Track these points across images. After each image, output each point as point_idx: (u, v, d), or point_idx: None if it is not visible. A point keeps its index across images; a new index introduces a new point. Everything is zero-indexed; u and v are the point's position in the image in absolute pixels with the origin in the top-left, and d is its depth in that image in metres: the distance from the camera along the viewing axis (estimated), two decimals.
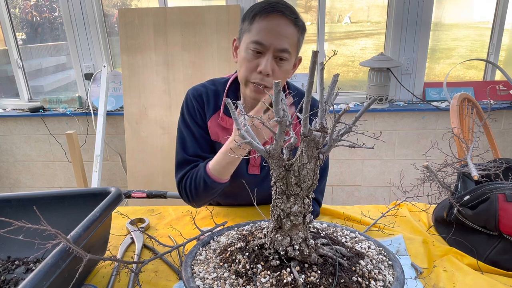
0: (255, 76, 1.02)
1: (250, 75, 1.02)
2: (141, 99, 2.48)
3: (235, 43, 1.12)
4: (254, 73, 1.02)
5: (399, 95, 2.69)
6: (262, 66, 0.99)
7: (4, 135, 2.83)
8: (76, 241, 0.66)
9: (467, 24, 2.83)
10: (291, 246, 0.65)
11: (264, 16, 0.99)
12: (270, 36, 0.98)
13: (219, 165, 1.04)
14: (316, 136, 0.59)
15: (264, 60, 1.00)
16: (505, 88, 2.62)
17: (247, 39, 1.02)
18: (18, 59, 2.79)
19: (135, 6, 2.90)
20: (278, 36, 0.99)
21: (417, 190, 0.96)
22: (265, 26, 0.99)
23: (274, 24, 0.98)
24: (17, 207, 0.92)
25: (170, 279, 0.86)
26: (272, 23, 0.98)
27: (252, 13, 1.02)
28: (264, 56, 1.00)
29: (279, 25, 0.99)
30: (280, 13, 0.99)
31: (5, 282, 0.82)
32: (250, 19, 1.02)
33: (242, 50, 1.04)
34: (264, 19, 0.99)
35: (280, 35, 0.99)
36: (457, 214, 0.94)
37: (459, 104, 1.69)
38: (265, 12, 0.99)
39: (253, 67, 1.02)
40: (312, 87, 0.56)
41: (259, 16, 0.99)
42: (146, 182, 2.51)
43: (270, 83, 1.02)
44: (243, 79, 1.05)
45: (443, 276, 0.85)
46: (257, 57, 1.01)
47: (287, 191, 0.64)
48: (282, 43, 0.99)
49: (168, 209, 1.25)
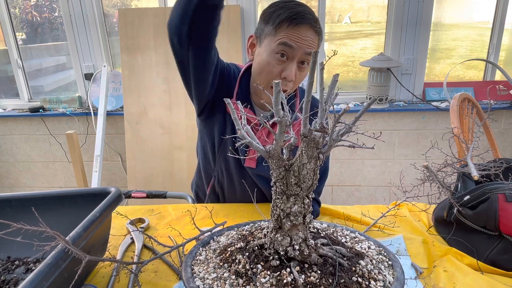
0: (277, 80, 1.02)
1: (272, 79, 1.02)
2: (141, 99, 2.48)
3: (251, 40, 1.11)
4: (277, 78, 1.02)
5: (399, 95, 2.69)
6: (288, 72, 1.01)
7: (4, 135, 2.83)
8: (75, 242, 0.66)
9: (467, 24, 2.83)
10: (291, 246, 0.65)
11: (293, 25, 0.99)
12: (299, 42, 1.00)
13: None
14: (316, 136, 0.59)
15: (290, 66, 1.01)
16: (505, 88, 2.62)
17: (272, 44, 1.01)
18: (18, 59, 2.79)
19: (135, 6, 2.90)
20: (307, 42, 1.01)
21: (417, 190, 0.96)
22: (294, 34, 0.99)
23: (303, 33, 1.00)
24: (17, 207, 0.92)
25: (170, 279, 0.86)
26: (301, 32, 1.00)
27: (278, 19, 1.00)
28: (290, 62, 1.02)
29: (307, 34, 1.00)
30: (309, 26, 1.00)
31: (5, 282, 0.82)
32: (275, 25, 1.01)
33: (265, 54, 1.03)
34: (292, 27, 0.99)
35: (308, 41, 1.01)
36: (457, 214, 0.94)
37: (459, 104, 1.69)
38: (295, 22, 0.99)
39: (277, 72, 1.03)
40: (312, 87, 0.56)
41: (287, 24, 0.99)
42: (146, 182, 2.51)
43: (290, 88, 1.05)
44: (265, 83, 1.05)
45: (443, 276, 0.85)
46: (281, 63, 1.02)
47: (287, 191, 0.64)
48: (309, 48, 1.01)
49: (168, 209, 1.25)
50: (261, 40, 1.06)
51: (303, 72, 1.06)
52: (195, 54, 0.96)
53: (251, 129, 1.09)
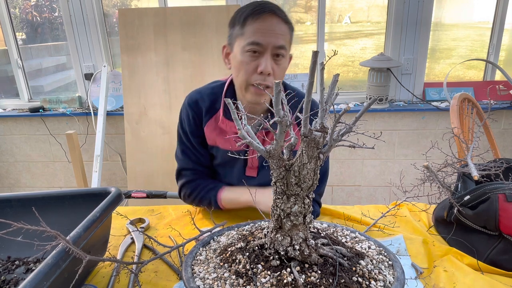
0: (255, 77, 1.01)
1: (251, 77, 1.02)
2: (141, 99, 2.48)
3: (225, 50, 1.11)
4: (255, 75, 1.01)
5: (399, 95, 2.69)
6: (263, 66, 0.99)
7: (4, 135, 2.83)
8: (76, 242, 0.66)
9: (467, 24, 2.83)
10: (291, 246, 0.65)
11: (256, 17, 0.99)
12: (266, 35, 0.98)
13: (230, 203, 1.13)
14: (316, 136, 0.59)
15: (264, 59, 1.00)
16: (505, 88, 2.62)
17: (241, 42, 1.01)
18: (18, 59, 2.79)
19: (135, 6, 2.90)
20: (274, 34, 0.99)
21: (417, 190, 0.96)
22: (260, 26, 0.99)
23: (268, 24, 0.99)
24: (17, 207, 0.92)
25: (170, 279, 0.86)
26: (266, 23, 0.99)
27: (242, 16, 1.01)
28: (263, 56, 1.00)
29: (272, 24, 0.99)
30: (271, 12, 0.99)
31: (5, 282, 0.82)
32: (241, 23, 1.01)
33: (238, 54, 1.03)
34: (256, 20, 0.99)
35: (275, 33, 0.99)
36: (457, 214, 0.94)
37: (459, 104, 1.69)
38: (257, 13, 0.99)
39: (252, 69, 1.01)
40: (312, 87, 0.56)
41: (251, 18, 0.99)
42: (146, 182, 2.51)
43: (271, 82, 1.02)
44: (243, 83, 1.05)
45: (443, 276, 0.85)
46: (255, 58, 1.01)
47: (287, 191, 0.64)
48: (278, 40, 1.00)
49: (168, 209, 1.25)
50: (233, 44, 1.06)
51: (281, 65, 1.04)
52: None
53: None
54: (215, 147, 1.16)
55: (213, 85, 1.18)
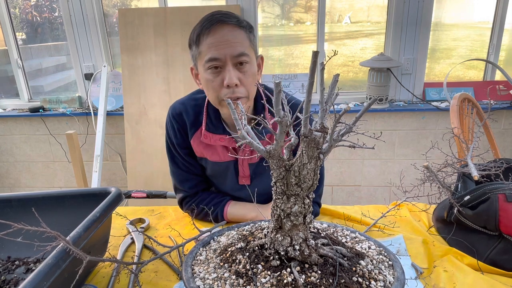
0: (224, 92, 0.99)
1: (220, 93, 1.00)
2: (141, 99, 2.48)
3: (193, 71, 1.10)
4: (223, 90, 0.99)
5: (399, 95, 2.69)
6: (227, 79, 0.97)
7: (4, 135, 2.83)
8: (76, 242, 0.66)
9: (467, 24, 2.83)
10: (292, 246, 0.65)
11: (207, 32, 0.97)
12: (221, 48, 0.96)
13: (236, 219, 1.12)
14: (317, 136, 0.59)
15: (226, 72, 0.97)
16: (505, 88, 2.62)
17: (201, 61, 1.00)
18: (18, 59, 2.79)
19: (135, 6, 2.90)
20: (228, 44, 0.96)
21: (417, 190, 0.96)
22: (212, 41, 0.97)
23: (219, 35, 0.96)
24: (17, 207, 0.92)
25: (170, 279, 0.86)
26: (217, 35, 0.97)
27: (194, 35, 1.00)
28: (225, 69, 0.98)
29: (224, 34, 0.97)
30: (220, 23, 0.97)
31: (5, 282, 0.82)
32: (195, 43, 1.00)
33: (202, 73, 1.02)
34: (208, 35, 0.97)
35: (230, 42, 0.97)
36: (457, 214, 0.94)
37: (459, 104, 1.69)
38: (206, 28, 0.97)
39: (218, 84, 0.99)
40: (312, 87, 0.56)
41: (202, 34, 0.98)
42: (146, 182, 2.51)
43: (242, 93, 1.00)
44: (215, 100, 1.03)
45: (443, 276, 0.85)
46: (218, 74, 0.99)
47: (287, 191, 0.64)
48: (235, 49, 0.97)
49: (168, 209, 1.25)
50: (197, 65, 1.05)
51: (248, 72, 1.00)
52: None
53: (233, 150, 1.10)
54: (204, 158, 1.15)
55: (197, 97, 1.15)
